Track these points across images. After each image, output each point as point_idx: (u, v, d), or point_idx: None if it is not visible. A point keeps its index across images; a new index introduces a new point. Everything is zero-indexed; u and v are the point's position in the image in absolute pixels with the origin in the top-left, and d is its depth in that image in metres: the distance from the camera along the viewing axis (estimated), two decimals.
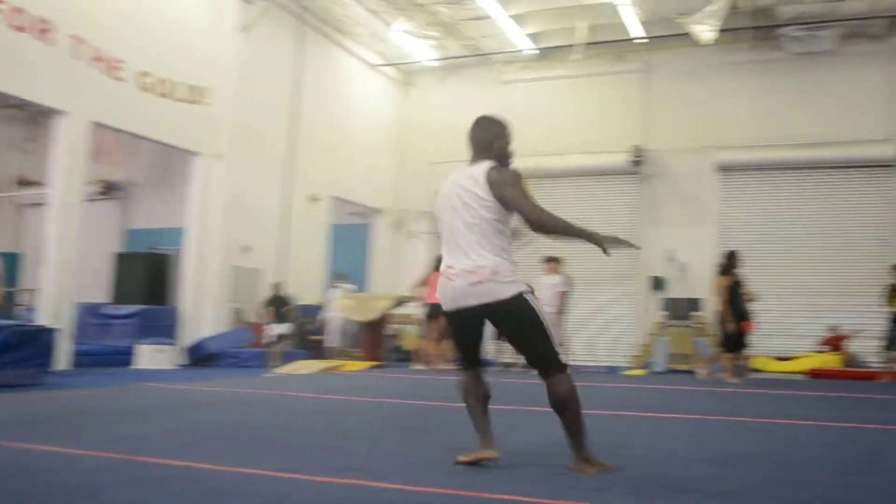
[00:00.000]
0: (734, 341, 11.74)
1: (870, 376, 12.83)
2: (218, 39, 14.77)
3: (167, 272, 16.39)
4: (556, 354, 3.89)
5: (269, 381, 10.58)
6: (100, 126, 12.92)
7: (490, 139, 4.32)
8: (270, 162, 15.75)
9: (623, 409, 7.35)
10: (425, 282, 13.25)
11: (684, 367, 14.83)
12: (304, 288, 16.27)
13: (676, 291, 16.01)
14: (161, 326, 14.15)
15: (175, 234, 16.11)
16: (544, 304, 13.07)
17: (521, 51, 18.52)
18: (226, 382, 10.05)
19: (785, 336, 15.69)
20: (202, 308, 14.53)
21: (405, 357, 16.18)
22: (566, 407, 3.88)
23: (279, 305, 14.16)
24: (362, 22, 17.47)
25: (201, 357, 14.09)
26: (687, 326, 15.83)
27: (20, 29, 11.29)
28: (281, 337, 13.96)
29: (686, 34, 16.07)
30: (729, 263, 11.93)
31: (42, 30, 11.57)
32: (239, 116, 15.02)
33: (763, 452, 4.82)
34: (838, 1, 15.60)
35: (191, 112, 14.20)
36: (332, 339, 15.68)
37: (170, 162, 18.33)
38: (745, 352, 12.15)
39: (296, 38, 16.16)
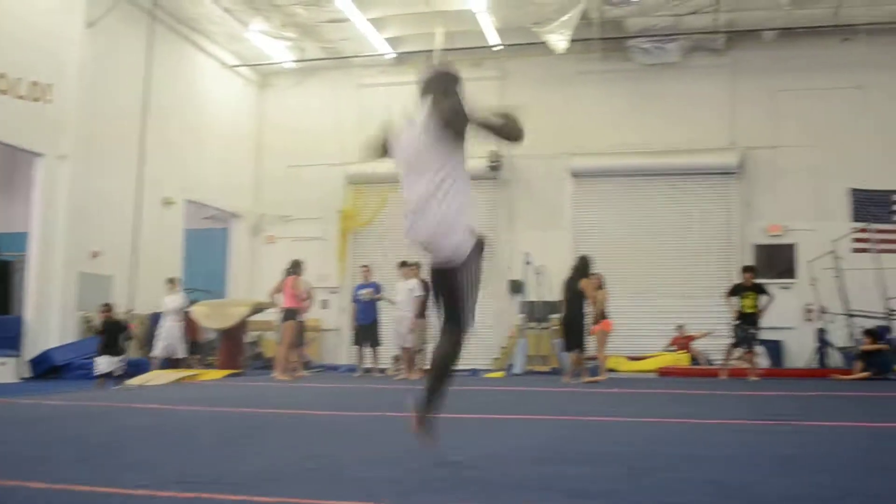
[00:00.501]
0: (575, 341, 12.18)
1: (714, 373, 13.49)
2: (63, 34, 14.11)
3: (9, 279, 15.52)
4: (471, 317, 4.23)
5: (120, 393, 10.19)
6: None
7: (442, 90, 4.50)
8: (120, 163, 15.14)
9: (474, 412, 7.45)
10: (280, 287, 13.04)
11: (543, 369, 15.20)
12: (159, 295, 15.71)
13: (534, 294, 16.38)
14: (2, 337, 13.39)
15: (17, 239, 15.27)
16: (400, 307, 13.18)
17: (380, 55, 18.54)
18: (73, 395, 9.60)
19: (637, 336, 16.32)
20: (47, 317, 13.84)
21: (266, 364, 15.90)
22: (443, 363, 4.27)
23: (113, 333, 12.04)
24: (217, 21, 17.07)
25: (47, 369, 13.42)
26: (545, 329, 16.20)
27: None
28: (110, 375, 11.82)
29: (542, 43, 16.52)
30: (586, 267, 12.34)
31: None
32: (85, 116, 14.38)
33: (611, 451, 4.98)
34: (682, 15, 16.36)
35: (33, 110, 13.49)
36: (163, 349, 13.98)
37: (11, 163, 17.38)
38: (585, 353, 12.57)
39: (146, 35, 15.58)
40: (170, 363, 13.88)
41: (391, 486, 3.68)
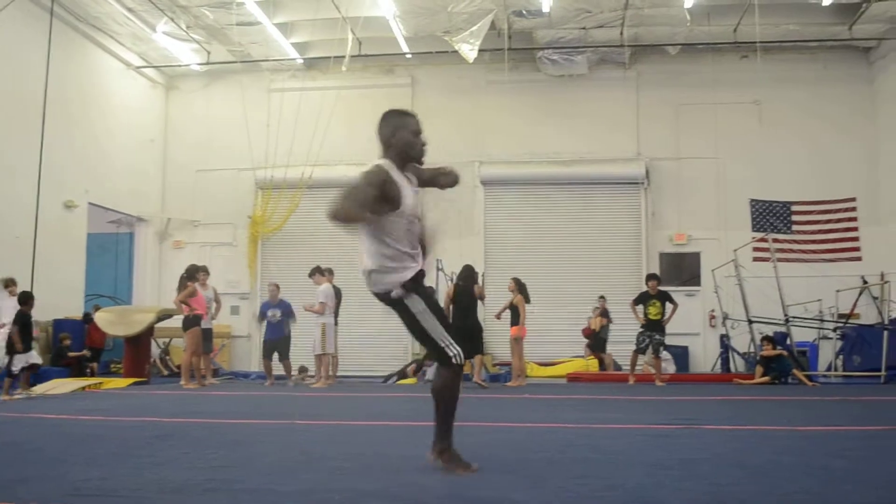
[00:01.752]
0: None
1: (622, 378, 13.74)
2: None
3: None
4: (441, 350, 4.19)
5: (17, 403, 9.81)
6: None
7: (389, 134, 4.24)
8: (18, 164, 14.55)
9: (385, 419, 7.43)
10: (189, 293, 12.80)
11: None
12: (60, 301, 15.22)
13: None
14: None
15: None
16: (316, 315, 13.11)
17: (290, 59, 18.38)
18: None
19: (546, 343, 16.52)
20: None
21: (175, 372, 15.54)
22: (435, 398, 4.24)
23: (28, 326, 10.98)
24: (122, 21, 16.65)
25: None
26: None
27: None
28: (33, 367, 11.08)
29: (452, 52, 16.61)
30: (473, 273, 12.65)
31: None
32: None
33: (517, 457, 5.02)
34: (590, 29, 16.70)
35: None
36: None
37: None
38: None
39: (46, 32, 15.03)
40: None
41: (293, 498, 3.64)
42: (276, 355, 13.77)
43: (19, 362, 10.70)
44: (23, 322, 10.81)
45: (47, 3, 15.24)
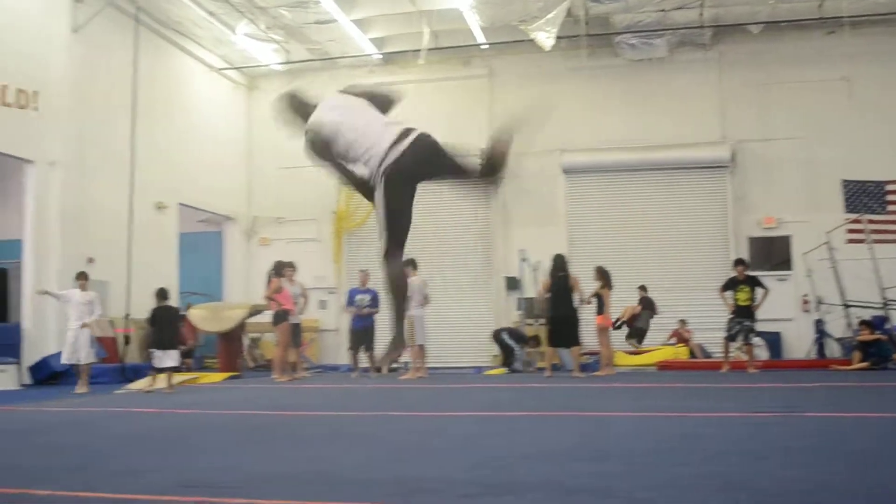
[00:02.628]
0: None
1: (714, 366, 13.50)
2: (48, 40, 14.05)
3: (6, 287, 15.48)
4: None
5: (120, 398, 10.17)
6: None
7: None
8: (111, 169, 15.07)
9: (475, 410, 7.47)
10: (274, 289, 13.03)
11: (542, 365, 15.20)
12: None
13: (531, 291, 16.38)
14: (2, 345, 13.35)
15: (12, 247, 15.21)
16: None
17: (368, 55, 18.54)
18: (73, 402, 9.61)
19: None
20: (45, 324, 13.77)
21: (262, 365, 15.90)
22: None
23: (168, 321, 10.88)
24: (203, 25, 17.04)
25: (47, 375, 13.37)
26: (542, 325, 16.18)
27: None
28: (174, 369, 10.91)
29: (529, 40, 16.51)
30: (565, 263, 12.59)
31: None
32: (74, 121, 14.34)
33: (613, 447, 5.00)
34: (668, 11, 16.39)
35: (21, 118, 13.45)
36: (73, 354, 11.80)
37: (2, 171, 17.30)
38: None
39: (132, 39, 15.49)
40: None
41: (392, 487, 3.69)
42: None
43: (161, 359, 10.70)
44: (154, 319, 10.89)
45: (132, 10, 15.72)
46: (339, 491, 3.56)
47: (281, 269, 13.23)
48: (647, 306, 15.87)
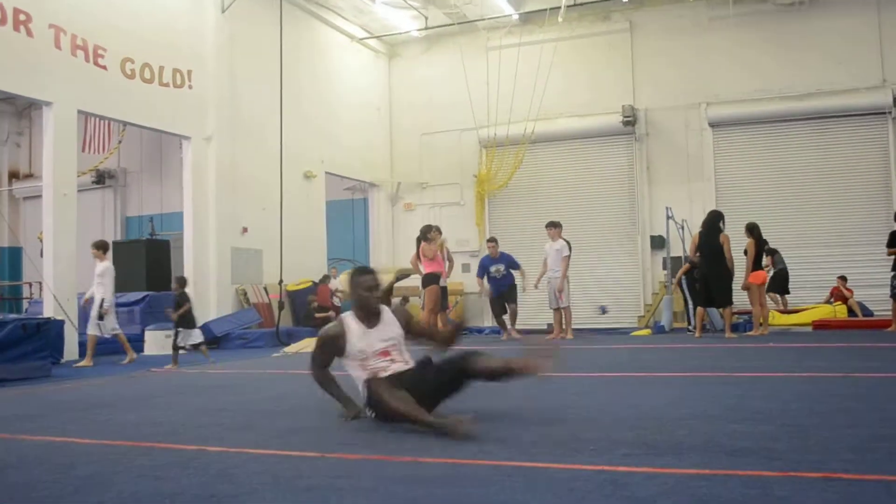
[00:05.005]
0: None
1: (877, 325, 12.81)
2: (198, 21, 14.67)
3: (168, 257, 16.40)
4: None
5: (278, 360, 10.59)
6: (86, 115, 12.85)
7: (350, 292, 4.89)
8: (261, 141, 15.65)
9: (626, 371, 7.38)
10: (420, 253, 13.20)
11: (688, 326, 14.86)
12: (307, 266, 16.33)
13: (677, 249, 16.00)
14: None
15: (171, 219, 16.08)
16: (550, 268, 13.10)
17: (506, 16, 18.42)
18: (234, 364, 10.07)
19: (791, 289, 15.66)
20: (205, 291, 14.52)
21: None
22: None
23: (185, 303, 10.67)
24: None
25: (207, 340, 14.08)
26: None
27: None
28: (196, 346, 10.68)
29: None
30: (719, 220, 12.14)
31: (20, 22, 11.48)
32: (225, 97, 14.96)
33: (770, 408, 4.84)
34: None
35: (176, 96, 14.12)
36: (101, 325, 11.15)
37: (161, 147, 18.27)
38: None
39: (276, 14, 15.92)
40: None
41: (551, 447, 3.70)
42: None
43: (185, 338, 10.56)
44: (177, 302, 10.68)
45: None
46: (496, 450, 3.59)
47: (427, 233, 13.36)
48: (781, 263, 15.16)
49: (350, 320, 4.81)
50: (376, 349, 4.68)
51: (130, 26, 13.23)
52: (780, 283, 15.17)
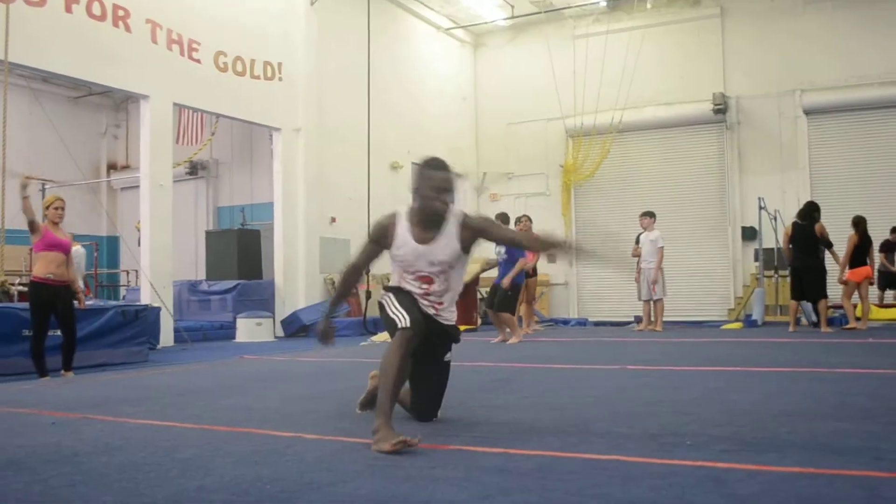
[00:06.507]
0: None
1: None
2: (288, 15, 14.91)
3: (258, 247, 16.75)
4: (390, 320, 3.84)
5: (367, 349, 10.70)
6: (181, 107, 13.21)
7: (414, 187, 3.99)
8: (348, 132, 15.85)
9: (717, 365, 7.24)
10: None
11: (783, 319, 14.47)
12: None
13: (770, 241, 15.58)
14: (257, 300, 14.52)
15: (262, 209, 16.39)
16: (644, 259, 12.74)
17: (593, 3, 18.20)
18: (324, 352, 10.20)
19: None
20: (294, 280, 14.80)
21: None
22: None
23: None
24: None
25: (297, 328, 14.38)
26: (783, 276, 15.36)
27: (99, 18, 11.59)
28: None
29: None
30: (814, 211, 11.74)
31: (119, 17, 11.84)
32: (313, 88, 15.18)
33: (868, 405, 4.68)
34: None
35: (267, 88, 14.40)
36: None
37: (252, 138, 18.62)
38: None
39: (364, 5, 16.06)
40: None
41: (646, 441, 3.65)
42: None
43: None
44: None
45: None
46: (589, 443, 3.56)
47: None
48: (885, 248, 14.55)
49: (403, 221, 3.96)
50: (418, 271, 3.93)
51: (223, 20, 13.54)
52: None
